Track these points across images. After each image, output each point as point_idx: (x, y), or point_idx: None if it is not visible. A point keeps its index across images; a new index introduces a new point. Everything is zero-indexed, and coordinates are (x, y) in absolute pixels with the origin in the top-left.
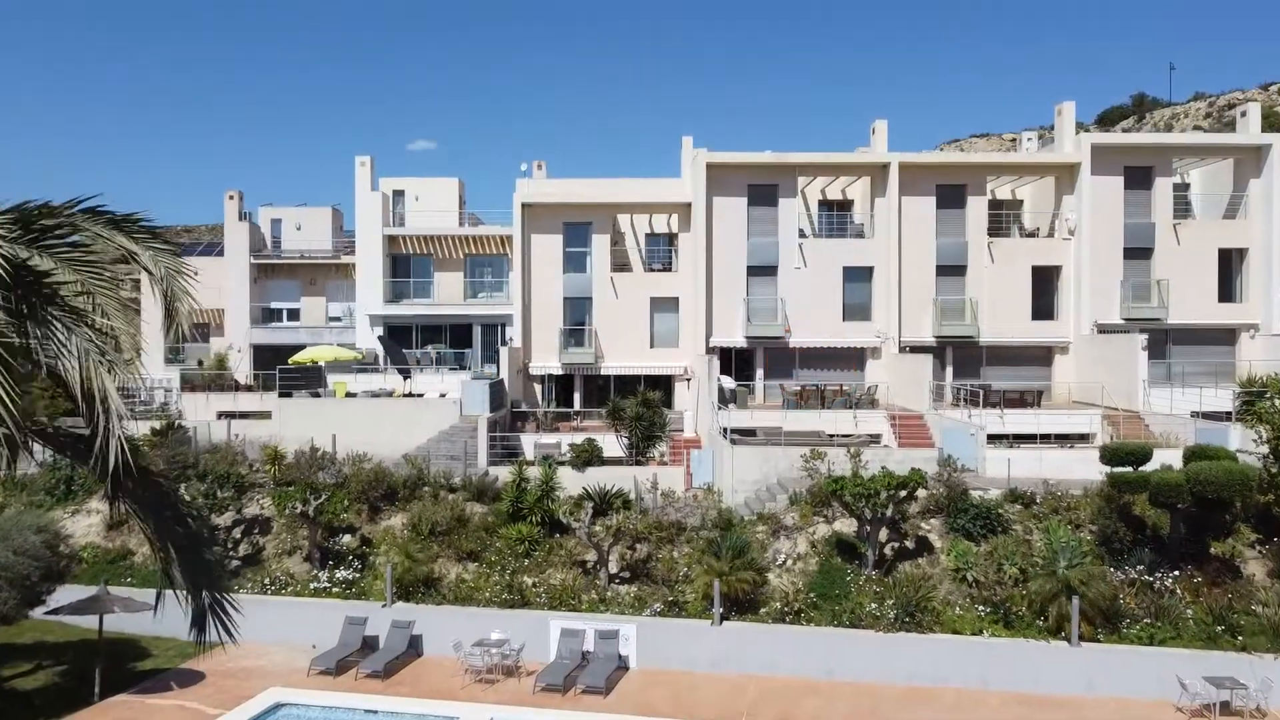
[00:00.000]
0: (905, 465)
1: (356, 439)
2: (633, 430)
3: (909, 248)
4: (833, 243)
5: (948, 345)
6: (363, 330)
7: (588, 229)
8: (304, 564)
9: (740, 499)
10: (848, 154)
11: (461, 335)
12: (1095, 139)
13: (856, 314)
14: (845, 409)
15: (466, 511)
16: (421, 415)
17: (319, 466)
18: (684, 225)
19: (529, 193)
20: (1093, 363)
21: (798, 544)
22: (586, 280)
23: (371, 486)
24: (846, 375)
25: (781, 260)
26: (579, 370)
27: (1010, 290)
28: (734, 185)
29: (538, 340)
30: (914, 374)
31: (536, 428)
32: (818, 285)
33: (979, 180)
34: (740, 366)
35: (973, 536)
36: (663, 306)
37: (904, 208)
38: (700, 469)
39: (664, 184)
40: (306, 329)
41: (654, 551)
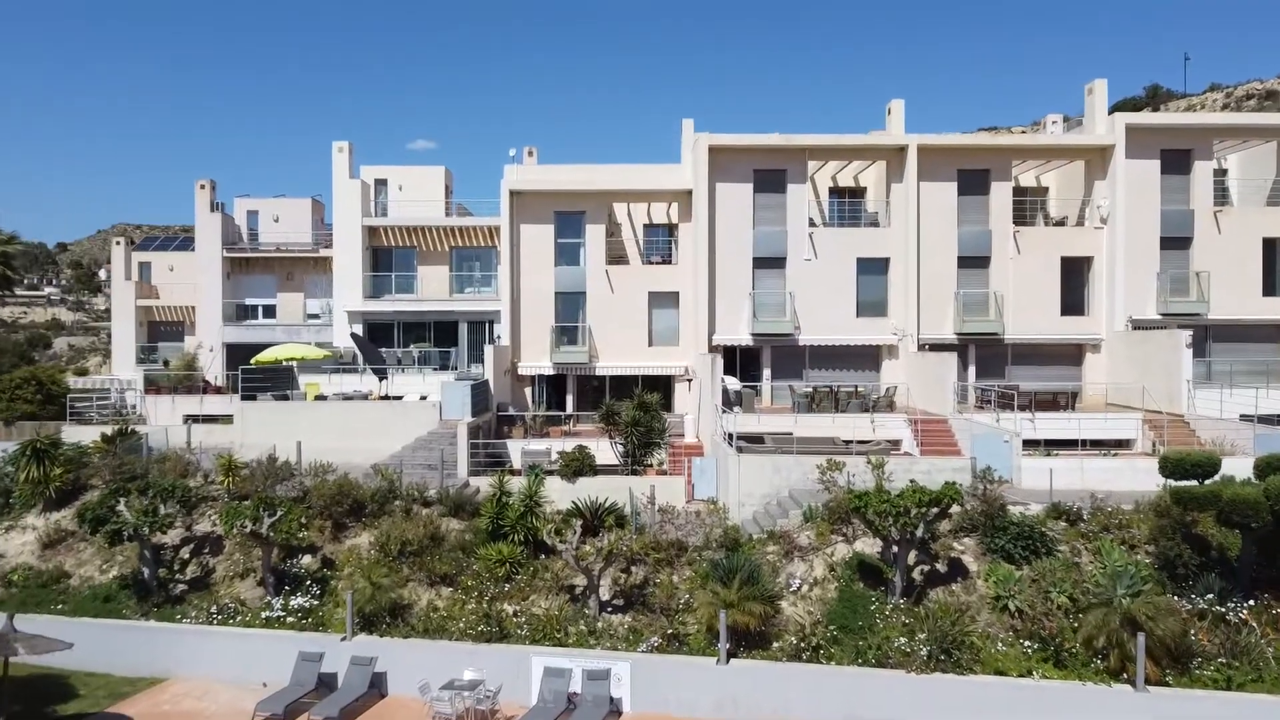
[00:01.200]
0: (932, 476)
1: (326, 446)
2: (628, 437)
3: (928, 238)
4: (845, 232)
5: (970, 343)
6: (341, 328)
7: (581, 219)
8: (257, 589)
9: (748, 513)
10: (862, 136)
11: (447, 333)
12: (1130, 119)
13: (871, 309)
14: (861, 412)
15: (442, 528)
16: (397, 420)
17: (277, 478)
18: (684, 214)
19: (518, 179)
20: (1128, 362)
21: (814, 567)
22: (580, 274)
23: (335, 501)
24: (860, 376)
25: (790, 251)
26: (572, 370)
27: (1037, 283)
28: (738, 170)
29: (527, 338)
30: (935, 374)
31: (524, 433)
32: (829, 278)
33: (1004, 165)
34: (746, 366)
35: (1013, 559)
36: (662, 302)
37: (923, 194)
38: (703, 479)
39: (663, 170)
40: (283, 326)
41: (651, 575)
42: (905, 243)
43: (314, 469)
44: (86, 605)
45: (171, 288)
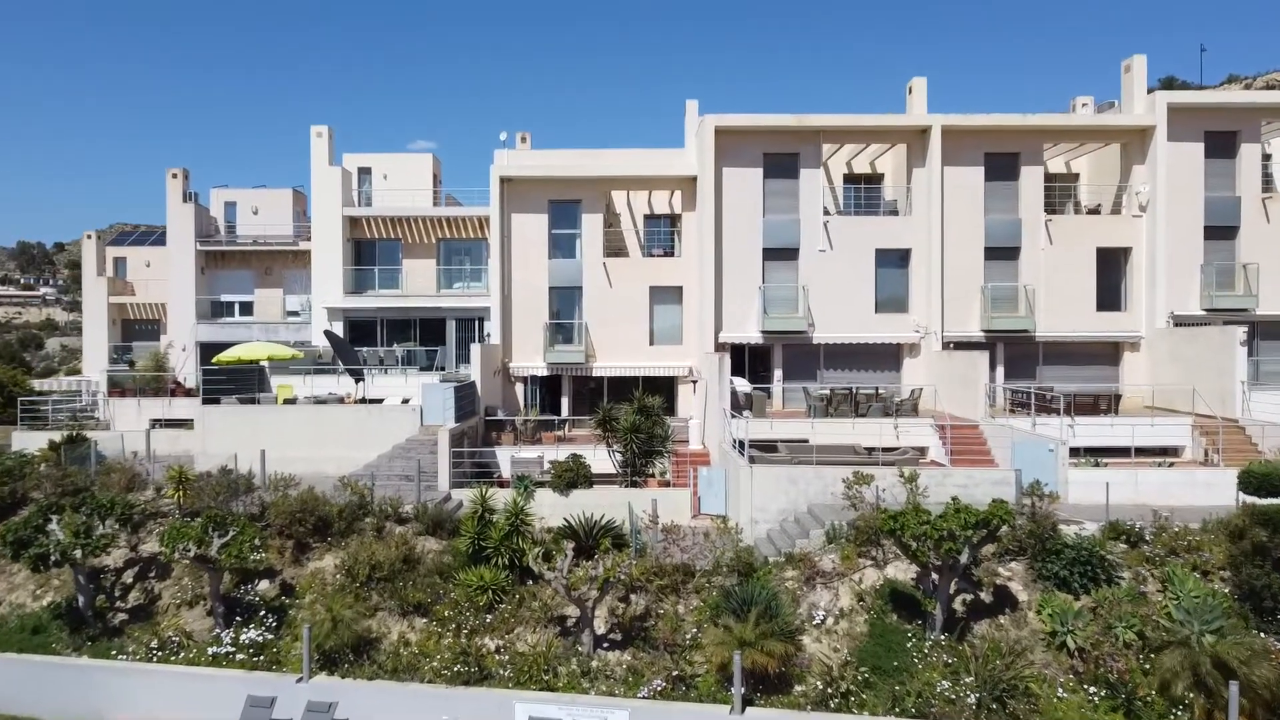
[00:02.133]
0: (969, 490)
1: (295, 454)
2: (627, 444)
3: (952, 227)
4: (863, 221)
5: (998, 341)
6: (320, 325)
7: (577, 208)
8: (207, 619)
9: (761, 532)
10: (881, 116)
11: (434, 331)
12: (1172, 98)
13: (891, 305)
14: (883, 417)
15: (417, 549)
16: (374, 426)
17: (234, 492)
18: (688, 203)
19: (509, 165)
20: (1171, 361)
21: (839, 596)
22: (576, 267)
23: (298, 518)
24: (879, 376)
25: (803, 242)
26: (567, 371)
27: (1071, 277)
28: (747, 154)
29: (519, 336)
30: (963, 374)
31: (515, 439)
32: (845, 271)
33: (1035, 148)
34: (755, 367)
35: (1069, 587)
36: (664, 297)
37: (947, 180)
38: (710, 491)
39: (665, 155)
40: (260, 324)
41: (654, 605)
42: (928, 232)
43: (275, 482)
44: (12, 638)
45: (148, 284)
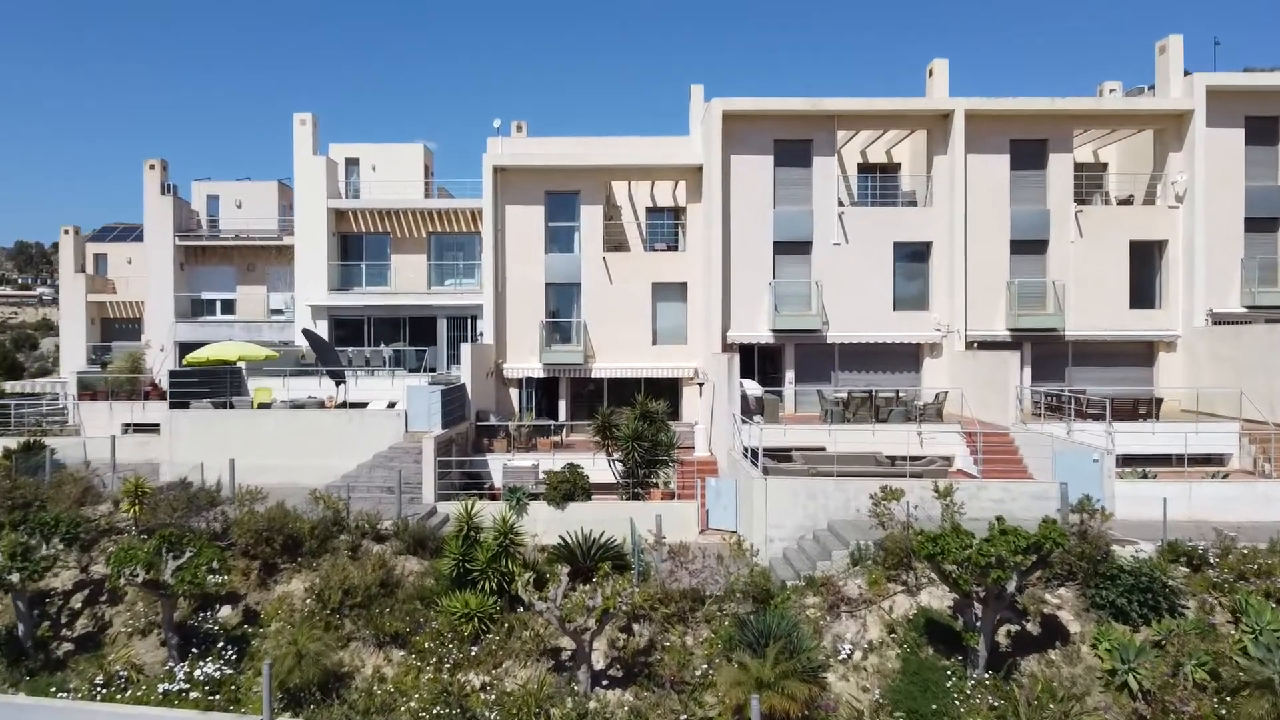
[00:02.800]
0: (1005, 505)
1: (270, 463)
2: (629, 453)
3: (976, 218)
4: (880, 212)
5: (1025, 340)
6: (304, 324)
7: (575, 199)
8: (161, 649)
9: (777, 550)
10: (900, 100)
11: (424, 330)
12: (1212, 80)
13: (910, 302)
14: (905, 422)
15: (397, 570)
16: (354, 432)
17: (195, 507)
18: (693, 194)
19: (503, 153)
20: (1210, 361)
21: (868, 626)
22: (574, 262)
23: (264, 536)
24: (898, 378)
25: (816, 235)
26: (565, 372)
27: (1103, 271)
28: (757, 141)
29: (514, 336)
30: (991, 376)
31: (508, 445)
32: (862, 266)
33: (1064, 134)
34: (765, 368)
35: (1127, 617)
36: (668, 294)
37: (970, 168)
38: (719, 504)
39: (669, 143)
40: (242, 323)
41: (659, 636)
42: (950, 224)
43: (242, 495)
44: None
45: (129, 282)
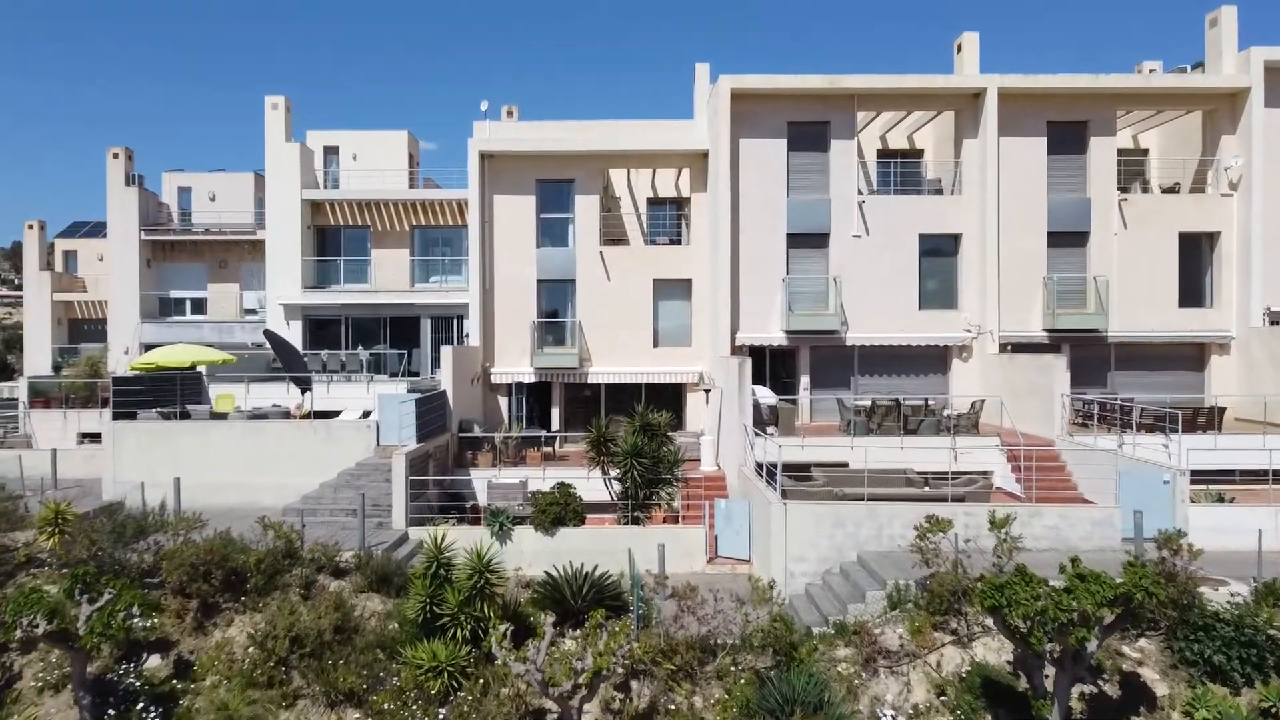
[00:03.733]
0: (1060, 533)
1: (225, 480)
2: (627, 471)
3: (1009, 208)
4: (904, 202)
5: (1063, 341)
6: (276, 325)
7: (569, 189)
8: (73, 710)
9: (799, 586)
10: (927, 77)
11: (407, 331)
12: (1271, 55)
13: (937, 299)
14: (936, 434)
15: (358, 611)
16: (320, 446)
17: (123, 536)
18: (698, 182)
19: (490, 138)
20: (1271, 365)
21: (911, 686)
22: (568, 257)
23: (202, 571)
24: (923, 383)
25: (834, 226)
26: (558, 377)
27: (1149, 266)
28: (769, 123)
29: (503, 337)
30: (1031, 382)
31: (494, 459)
32: (884, 260)
33: (1106, 116)
34: (777, 372)
35: (1227, 678)
36: (670, 291)
37: (1004, 153)
38: (730, 530)
39: (672, 127)
40: (213, 324)
41: (662, 697)
42: (981, 215)
43: (178, 522)
44: None
45: (99, 280)
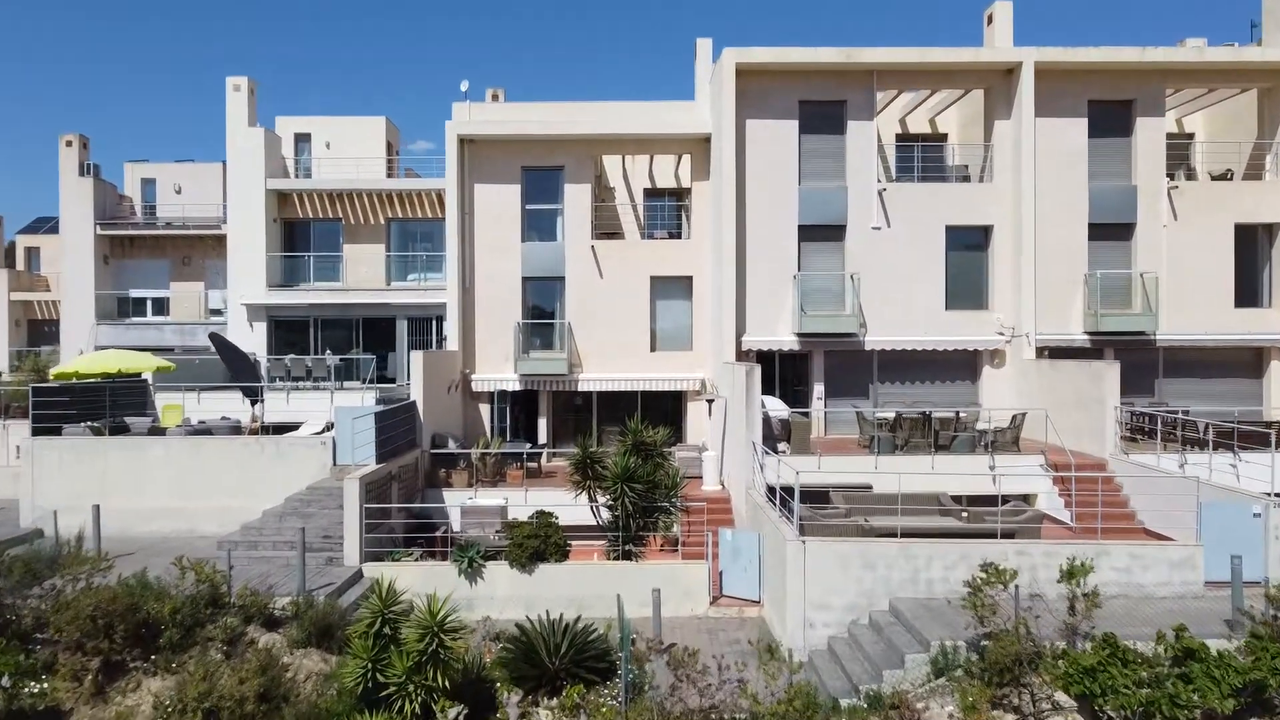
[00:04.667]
0: (1132, 577)
1: (161, 505)
2: (618, 497)
3: (1047, 197)
4: (930, 190)
5: (1106, 345)
6: (239, 327)
7: (558, 177)
8: None
9: (819, 639)
10: (955, 50)
11: (382, 334)
12: None
13: (966, 298)
14: (971, 452)
15: (291, 672)
16: (269, 466)
17: (13, 578)
18: (700, 170)
19: (471, 121)
20: None
21: None
22: (556, 252)
23: (103, 625)
24: (951, 392)
25: (851, 217)
26: (546, 384)
27: (1201, 261)
28: (778, 102)
29: (484, 340)
30: (1076, 391)
31: (471, 479)
32: (907, 255)
33: (1154, 95)
34: (787, 379)
35: None
36: (670, 290)
37: (1040, 135)
38: (736, 566)
39: (671, 109)
40: (174, 326)
41: None
42: (1015, 204)
43: (76, 560)
44: None
45: (63, 279)
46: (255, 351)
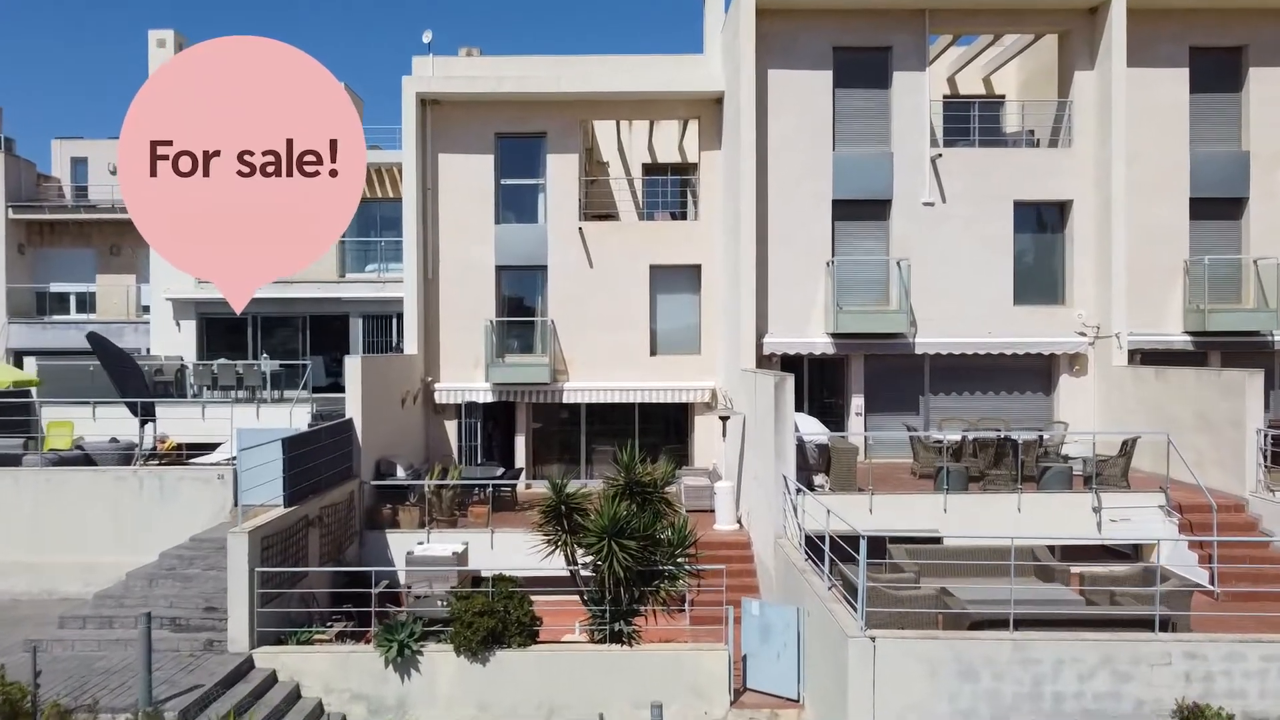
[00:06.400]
0: None
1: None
2: (606, 559)
3: (1138, 166)
4: (996, 157)
5: (1211, 348)
6: (163, 327)
7: (539, 146)
8: None
9: None
10: None
11: (333, 334)
12: None
13: (1038, 291)
14: (1067, 488)
15: None
16: (152, 507)
17: None
18: (710, 138)
19: (435, 78)
20: None
21: None
22: (538, 236)
23: None
24: (1017, 407)
25: (898, 190)
26: (524, 395)
27: None
28: (808, 50)
29: (450, 343)
30: (1198, 408)
31: (424, 517)
32: (966, 237)
33: (1271, 39)
34: (816, 389)
35: None
36: (673, 282)
37: (1131, 90)
38: (766, 651)
39: (676, 63)
40: (99, 325)
41: None
42: (1101, 174)
43: None
44: None
45: None
46: (181, 355)
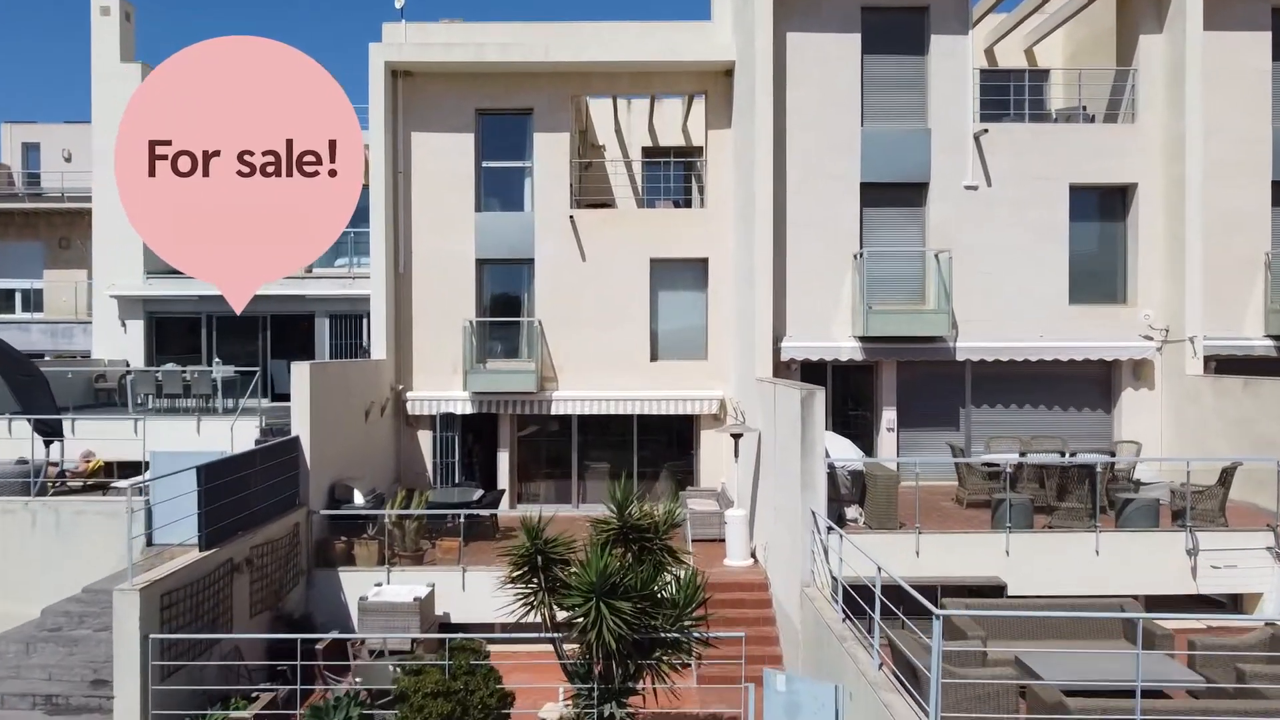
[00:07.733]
0: None
1: None
2: (595, 624)
3: (1213, 144)
4: (1048, 134)
5: None
6: (107, 327)
7: (525, 124)
8: None
9: None
10: None
11: (296, 335)
12: None
13: (1096, 288)
14: (1153, 525)
15: None
16: (48, 548)
17: None
18: (719, 115)
19: (406, 44)
20: None
21: None
22: (524, 225)
23: None
24: (1073, 422)
25: (936, 172)
26: (508, 405)
27: None
28: (833, 10)
29: (425, 346)
30: None
31: (383, 552)
32: (1015, 226)
33: None
34: (843, 400)
35: None
36: (677, 277)
37: (1204, 56)
38: None
39: (681, 30)
40: (45, 325)
41: None
42: (1169, 154)
43: None
44: None
45: None
46: (127, 360)
